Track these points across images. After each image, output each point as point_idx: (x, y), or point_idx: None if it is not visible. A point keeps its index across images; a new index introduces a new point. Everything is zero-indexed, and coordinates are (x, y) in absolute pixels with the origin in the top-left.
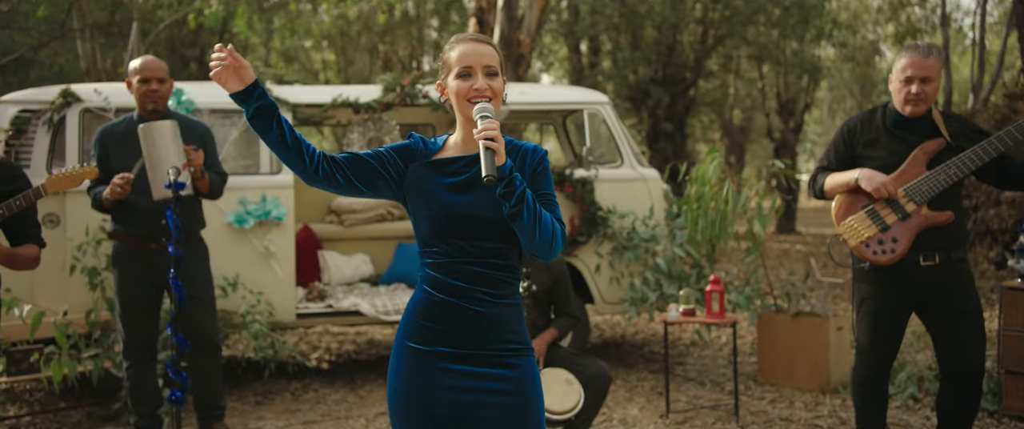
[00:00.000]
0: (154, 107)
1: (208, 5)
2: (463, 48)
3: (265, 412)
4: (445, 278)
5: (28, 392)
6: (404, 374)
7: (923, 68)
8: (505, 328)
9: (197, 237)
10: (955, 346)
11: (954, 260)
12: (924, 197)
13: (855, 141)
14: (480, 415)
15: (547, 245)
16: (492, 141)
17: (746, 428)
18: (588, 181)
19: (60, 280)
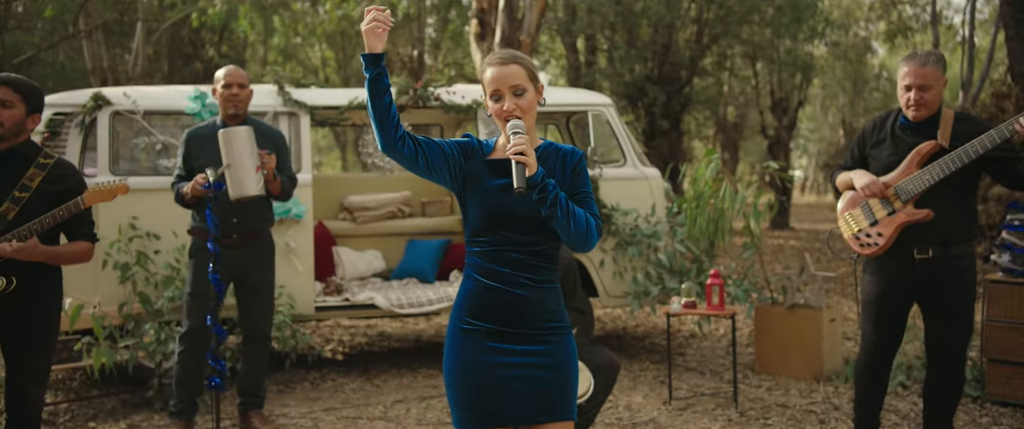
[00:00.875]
0: (235, 111)
1: (212, 5)
2: (492, 72)
3: (288, 400)
4: (491, 265)
5: (64, 380)
6: (456, 351)
7: (921, 76)
8: (544, 309)
9: (266, 235)
10: (940, 338)
11: (950, 255)
12: (909, 195)
13: (866, 143)
14: (521, 387)
15: (583, 238)
16: (522, 155)
17: (744, 413)
18: (593, 180)
19: (93, 275)
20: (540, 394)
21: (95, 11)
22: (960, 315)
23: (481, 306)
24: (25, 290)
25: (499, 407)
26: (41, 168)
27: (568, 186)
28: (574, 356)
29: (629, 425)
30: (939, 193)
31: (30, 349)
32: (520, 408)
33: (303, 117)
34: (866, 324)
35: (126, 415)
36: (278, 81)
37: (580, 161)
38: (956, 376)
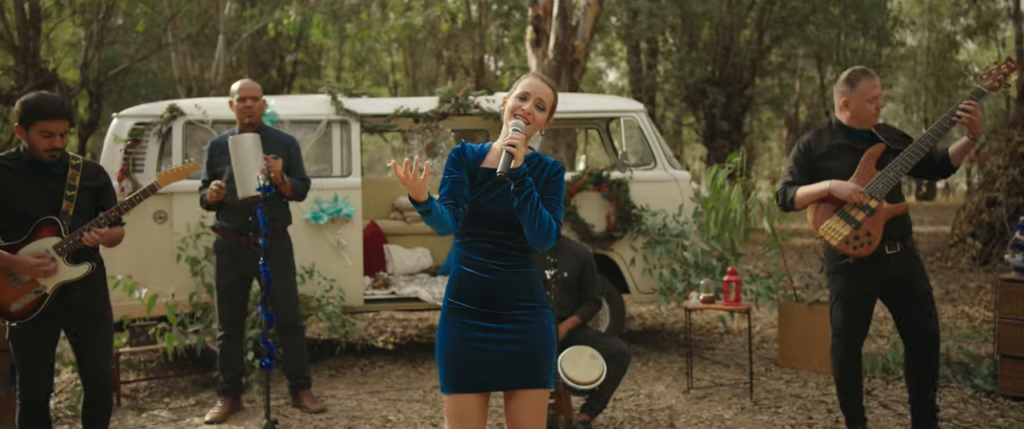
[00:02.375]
0: (250, 121)
1: (286, 15)
2: (530, 81)
3: (338, 383)
4: (470, 255)
5: (143, 363)
6: (444, 327)
7: (880, 88)
8: (516, 292)
9: (283, 233)
10: (916, 321)
11: (907, 247)
12: (882, 193)
13: (812, 156)
14: (497, 358)
15: (542, 236)
16: (512, 148)
17: (758, 403)
18: (623, 182)
19: (168, 267)
20: (514, 364)
21: (181, 25)
22: (924, 298)
23: (463, 289)
24: (92, 275)
25: (477, 375)
26: (77, 168)
27: (542, 190)
28: (548, 332)
29: (647, 411)
30: (894, 190)
31: (98, 324)
32: (496, 376)
33: (354, 124)
34: (840, 320)
35: (195, 393)
36: (331, 91)
37: (557, 173)
38: (932, 356)
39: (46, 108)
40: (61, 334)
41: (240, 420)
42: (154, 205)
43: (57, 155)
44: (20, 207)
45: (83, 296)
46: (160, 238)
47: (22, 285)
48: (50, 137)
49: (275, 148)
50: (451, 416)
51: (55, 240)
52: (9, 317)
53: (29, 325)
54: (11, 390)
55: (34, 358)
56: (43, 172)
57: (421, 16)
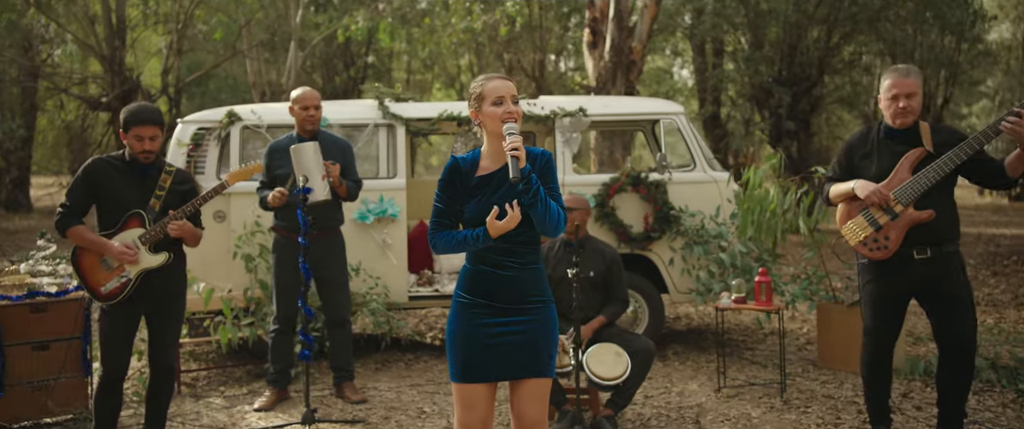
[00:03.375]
0: (311, 128)
1: (355, 21)
2: (495, 84)
3: (381, 376)
4: (482, 254)
5: (204, 354)
6: (455, 320)
7: (906, 86)
8: (524, 287)
9: (336, 232)
10: (948, 328)
11: (945, 253)
12: (909, 198)
13: (854, 154)
14: (504, 349)
15: (553, 225)
16: (516, 151)
17: (788, 403)
18: (661, 183)
19: (225, 264)
20: (519, 355)
21: (254, 32)
22: (960, 303)
23: (475, 285)
24: (169, 265)
25: (486, 365)
26: (169, 173)
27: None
28: (553, 325)
29: (675, 408)
30: (929, 196)
31: (172, 313)
32: (503, 366)
33: (399, 128)
34: (869, 322)
35: (248, 383)
36: (378, 96)
37: (548, 161)
38: (966, 363)
39: (138, 116)
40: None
41: (286, 409)
42: (214, 205)
43: (150, 157)
44: (117, 201)
45: (163, 286)
46: (219, 236)
47: (111, 270)
48: (141, 141)
49: (332, 153)
50: (460, 404)
51: (140, 231)
52: (99, 298)
53: (116, 307)
54: (83, 375)
55: (117, 337)
56: (140, 173)
57: (480, 20)
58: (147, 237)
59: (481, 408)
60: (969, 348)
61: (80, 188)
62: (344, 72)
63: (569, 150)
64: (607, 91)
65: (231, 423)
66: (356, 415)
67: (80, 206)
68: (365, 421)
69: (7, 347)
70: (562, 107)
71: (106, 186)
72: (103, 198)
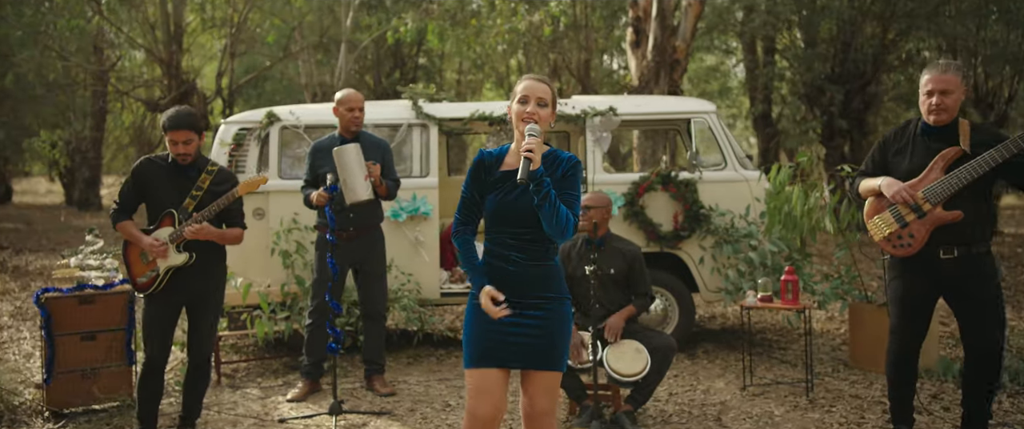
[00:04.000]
0: (355, 129)
1: (404, 23)
2: (526, 83)
3: (413, 371)
4: (496, 248)
5: (246, 346)
6: (471, 311)
7: (942, 82)
8: (536, 283)
9: (377, 229)
10: (973, 329)
11: (973, 254)
12: (938, 198)
13: (888, 150)
14: (517, 341)
15: (561, 230)
16: (530, 152)
17: (814, 402)
18: (691, 182)
19: (264, 260)
20: (531, 349)
21: (305, 35)
22: (987, 305)
23: (489, 279)
24: (202, 263)
25: (497, 354)
26: (209, 173)
27: (558, 185)
28: (566, 321)
29: (699, 405)
30: (961, 196)
31: (207, 308)
32: (514, 357)
33: (432, 128)
34: (896, 321)
35: (284, 375)
36: (412, 97)
37: (574, 167)
38: (991, 365)
39: (173, 120)
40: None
41: (317, 400)
42: (253, 202)
43: (187, 159)
44: (159, 199)
45: (200, 282)
46: (259, 233)
47: (147, 264)
48: (176, 145)
49: (372, 153)
50: (473, 389)
51: (170, 230)
52: (136, 288)
53: (155, 298)
54: (127, 364)
55: (157, 326)
56: (179, 173)
57: (524, 21)
58: (173, 236)
59: (493, 395)
60: (995, 350)
61: (130, 187)
62: (395, 73)
63: (600, 149)
64: (650, 90)
65: (264, 412)
66: (383, 407)
67: (130, 203)
68: (391, 413)
69: (57, 337)
70: (593, 107)
71: (151, 185)
72: (148, 196)
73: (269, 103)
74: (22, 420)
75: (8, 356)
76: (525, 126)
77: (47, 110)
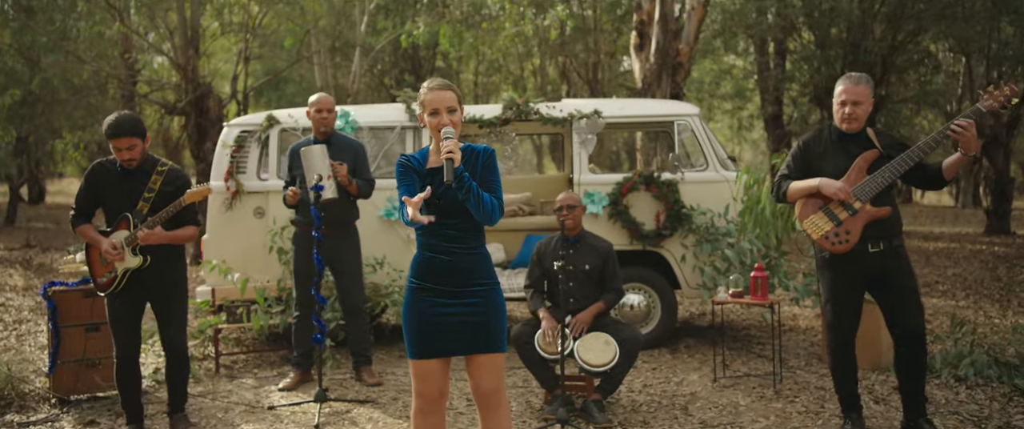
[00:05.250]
0: (325, 129)
1: (416, 27)
2: (430, 96)
3: (403, 363)
4: (429, 240)
5: (248, 339)
6: (408, 302)
7: (854, 94)
8: (468, 270)
9: (351, 227)
10: (901, 317)
11: (894, 246)
12: (867, 196)
13: (810, 154)
14: (454, 328)
15: (488, 216)
16: (451, 154)
17: (780, 393)
18: (673, 183)
19: (263, 257)
20: (469, 333)
21: (320, 39)
22: (910, 293)
23: (425, 270)
24: (158, 263)
25: (437, 342)
26: (160, 174)
27: (480, 176)
28: (500, 305)
29: (669, 395)
30: (883, 194)
31: (172, 302)
32: (453, 343)
33: (424, 131)
34: (831, 315)
35: (280, 366)
36: (406, 101)
37: (490, 157)
38: (920, 349)
39: (114, 128)
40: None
41: (307, 389)
42: (254, 201)
43: (133, 164)
44: (108, 202)
45: (160, 278)
46: (258, 231)
47: (106, 265)
48: (120, 151)
49: (343, 153)
50: (417, 376)
51: (126, 233)
52: (97, 288)
53: (116, 297)
54: None
55: (121, 323)
56: (128, 176)
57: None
58: (128, 239)
59: (435, 380)
60: (921, 333)
61: (84, 191)
62: (412, 75)
63: (585, 150)
64: (652, 93)
65: (256, 400)
66: (368, 396)
67: (86, 207)
68: (375, 401)
69: (63, 329)
70: (578, 110)
71: (104, 189)
72: (103, 200)
73: (289, 105)
74: (30, 405)
75: (24, 347)
76: (442, 130)
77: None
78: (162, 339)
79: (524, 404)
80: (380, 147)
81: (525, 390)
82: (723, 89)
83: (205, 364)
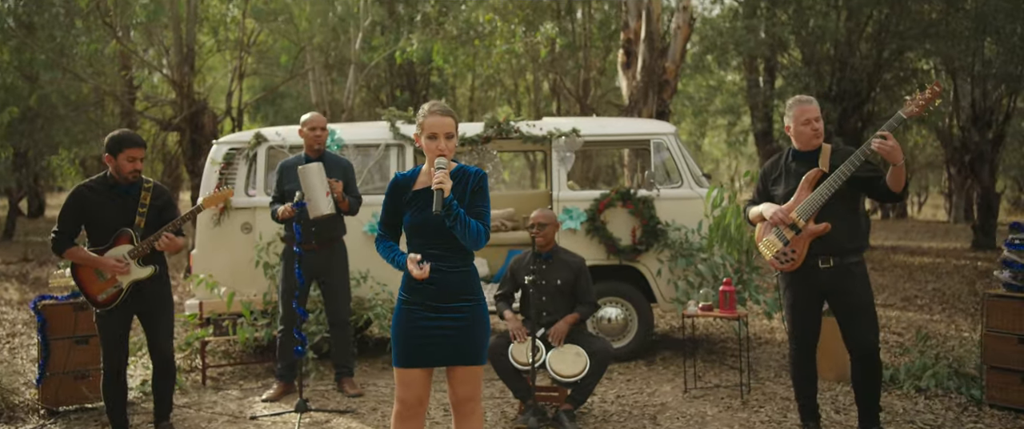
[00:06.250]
0: (318, 147)
1: (410, 44)
2: (431, 120)
3: (384, 375)
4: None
5: (235, 352)
6: (397, 315)
7: (814, 111)
8: (454, 287)
9: (339, 242)
10: (854, 333)
11: (846, 263)
12: (808, 214)
13: (768, 180)
14: (439, 340)
15: (473, 241)
16: (441, 184)
17: (747, 403)
18: (648, 199)
19: (249, 271)
20: (452, 345)
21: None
22: (864, 310)
23: (413, 286)
24: (160, 273)
25: (423, 352)
26: (148, 190)
27: (469, 200)
28: (484, 320)
29: (639, 406)
30: (830, 212)
31: (162, 313)
32: (438, 354)
33: (408, 148)
34: (791, 328)
35: (265, 378)
36: (390, 119)
37: (481, 181)
38: (873, 363)
39: (132, 139)
40: (134, 319)
41: (289, 400)
42: (241, 217)
43: (138, 175)
44: (103, 221)
45: (151, 290)
46: (246, 246)
47: (105, 281)
48: (132, 161)
49: (335, 171)
50: (400, 384)
51: (129, 247)
52: (97, 305)
53: (110, 312)
54: None
55: (114, 337)
56: (121, 193)
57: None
58: (135, 252)
59: (417, 388)
60: (872, 351)
61: (69, 214)
62: (407, 91)
63: (564, 168)
64: (639, 110)
65: (239, 411)
66: (349, 406)
67: (70, 230)
68: (355, 412)
69: (52, 341)
70: (558, 128)
71: (91, 210)
72: (90, 220)
73: (285, 121)
74: (20, 416)
75: (16, 360)
76: (436, 160)
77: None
78: (151, 349)
79: (499, 414)
80: (365, 164)
81: (502, 400)
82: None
83: (192, 376)
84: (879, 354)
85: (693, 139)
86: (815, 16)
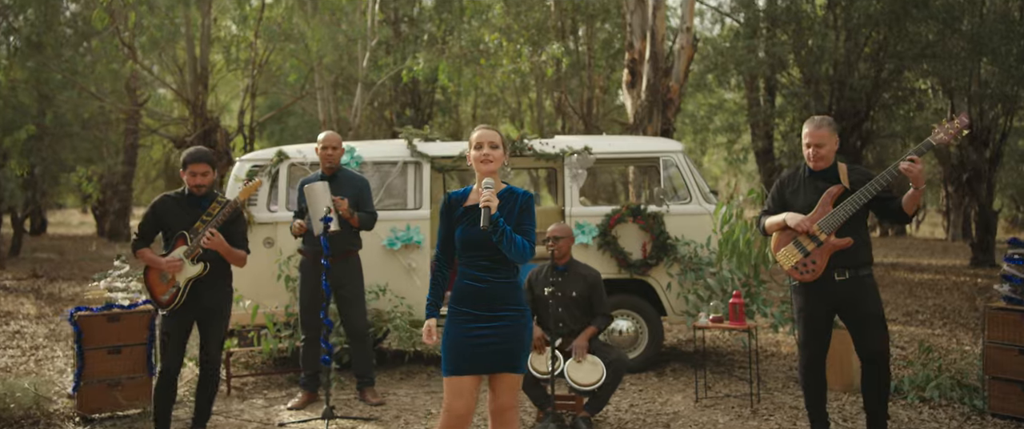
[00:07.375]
0: (331, 165)
1: (416, 62)
2: (479, 133)
3: (404, 384)
4: (465, 269)
5: (257, 362)
6: (448, 324)
7: (816, 137)
8: (500, 297)
9: (354, 256)
10: (866, 339)
11: (860, 276)
12: (831, 228)
13: (785, 190)
14: (484, 349)
15: (520, 256)
16: (487, 202)
17: (756, 412)
18: (658, 215)
19: (272, 285)
20: (498, 354)
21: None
22: (874, 319)
23: (463, 296)
24: (214, 278)
25: (471, 361)
26: (219, 203)
27: (515, 219)
28: (527, 329)
29: (653, 414)
30: (848, 226)
31: (218, 321)
32: (484, 362)
33: (425, 165)
34: (802, 337)
35: (289, 387)
36: (407, 137)
37: (528, 202)
38: (882, 370)
39: (193, 155)
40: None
41: (313, 408)
42: (263, 232)
43: (202, 189)
44: (173, 228)
45: (210, 297)
46: (268, 259)
47: (167, 282)
48: (194, 176)
49: (346, 188)
50: (450, 392)
51: (185, 248)
52: (160, 305)
53: (173, 314)
54: (148, 374)
55: (175, 339)
56: (193, 204)
57: (528, 62)
58: (188, 251)
59: (467, 396)
60: (882, 358)
61: (149, 219)
62: (412, 109)
63: (576, 184)
64: (644, 128)
65: (267, 418)
66: (372, 414)
67: (148, 234)
68: (378, 419)
69: (87, 351)
70: (570, 146)
71: (167, 217)
72: (165, 226)
73: (292, 138)
74: (56, 424)
75: (44, 371)
76: (484, 169)
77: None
78: (201, 356)
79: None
80: (383, 181)
81: (520, 410)
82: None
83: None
84: (889, 360)
85: (694, 156)
86: (814, 36)
